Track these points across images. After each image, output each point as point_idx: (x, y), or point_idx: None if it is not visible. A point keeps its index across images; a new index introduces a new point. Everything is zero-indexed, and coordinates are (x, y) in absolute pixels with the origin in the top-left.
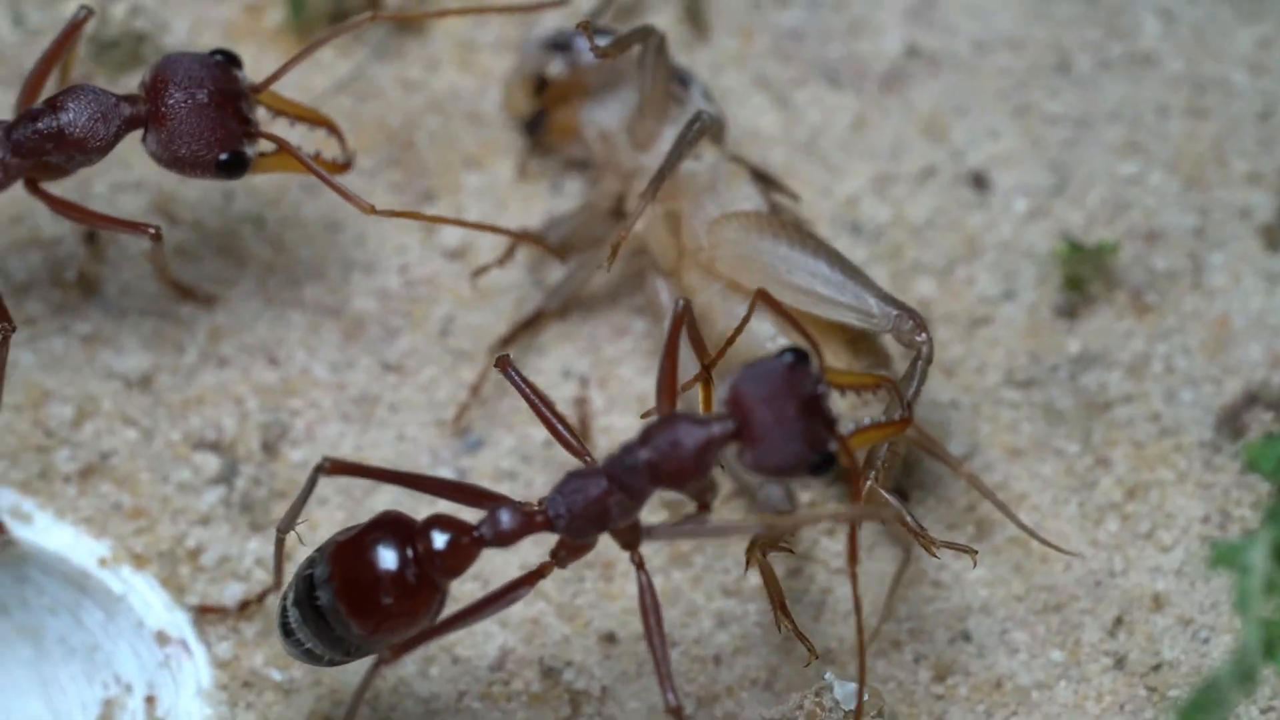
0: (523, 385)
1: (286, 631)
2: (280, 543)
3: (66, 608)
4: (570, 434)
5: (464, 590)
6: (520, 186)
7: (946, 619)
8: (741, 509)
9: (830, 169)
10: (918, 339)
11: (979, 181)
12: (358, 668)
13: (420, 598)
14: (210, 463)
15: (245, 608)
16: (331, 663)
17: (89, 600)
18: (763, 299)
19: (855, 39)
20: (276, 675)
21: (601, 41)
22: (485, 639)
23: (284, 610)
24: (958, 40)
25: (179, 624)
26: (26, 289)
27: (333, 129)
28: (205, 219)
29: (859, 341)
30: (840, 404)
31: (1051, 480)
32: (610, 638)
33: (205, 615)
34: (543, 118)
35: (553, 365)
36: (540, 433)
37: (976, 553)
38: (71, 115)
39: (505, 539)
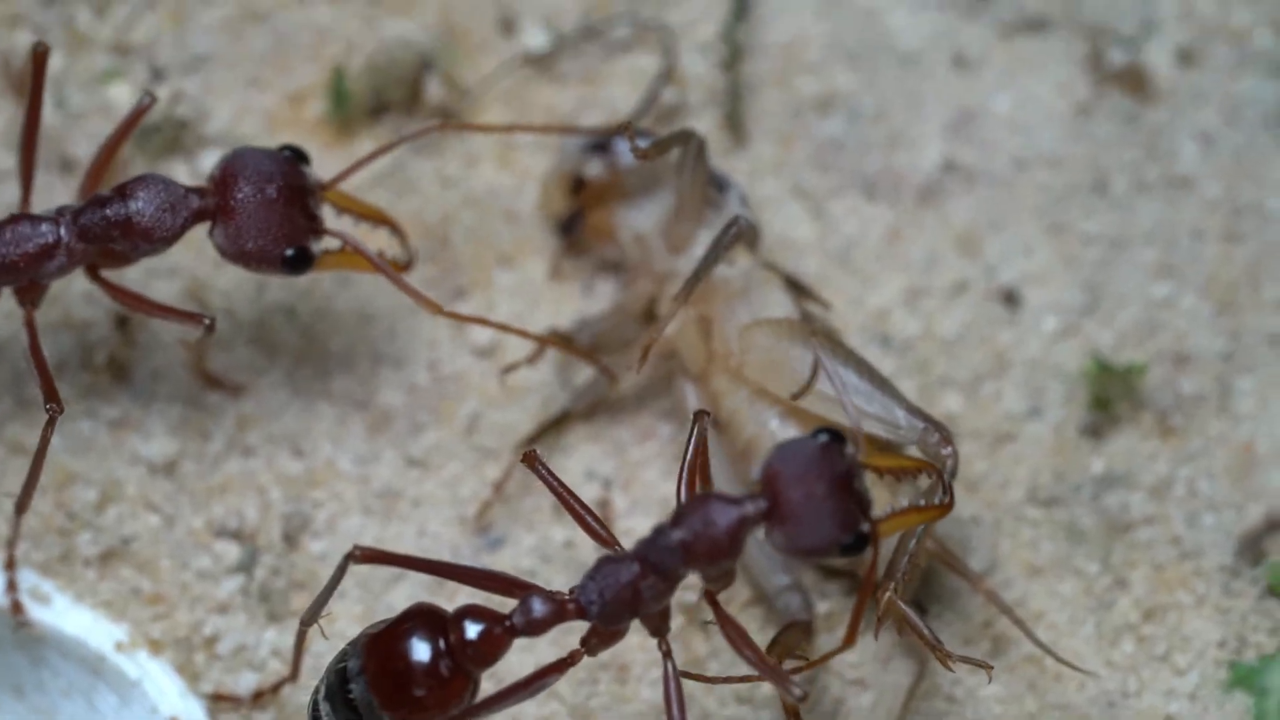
0: (550, 479)
1: None
2: (302, 635)
3: (81, 691)
4: (599, 524)
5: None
6: (553, 286)
7: None
8: (759, 616)
9: (863, 280)
10: (943, 452)
11: (1010, 298)
12: None
13: (453, 688)
14: (231, 551)
15: (259, 697)
16: None
17: (103, 684)
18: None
19: (894, 151)
20: None
21: (642, 143)
22: None
23: (315, 704)
24: (996, 156)
25: (192, 711)
26: (57, 371)
27: (395, 229)
28: (238, 308)
29: (886, 452)
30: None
31: (1070, 599)
32: None
33: (219, 703)
34: (578, 218)
35: (577, 466)
36: (561, 532)
37: (992, 668)
38: (140, 204)
39: (538, 628)
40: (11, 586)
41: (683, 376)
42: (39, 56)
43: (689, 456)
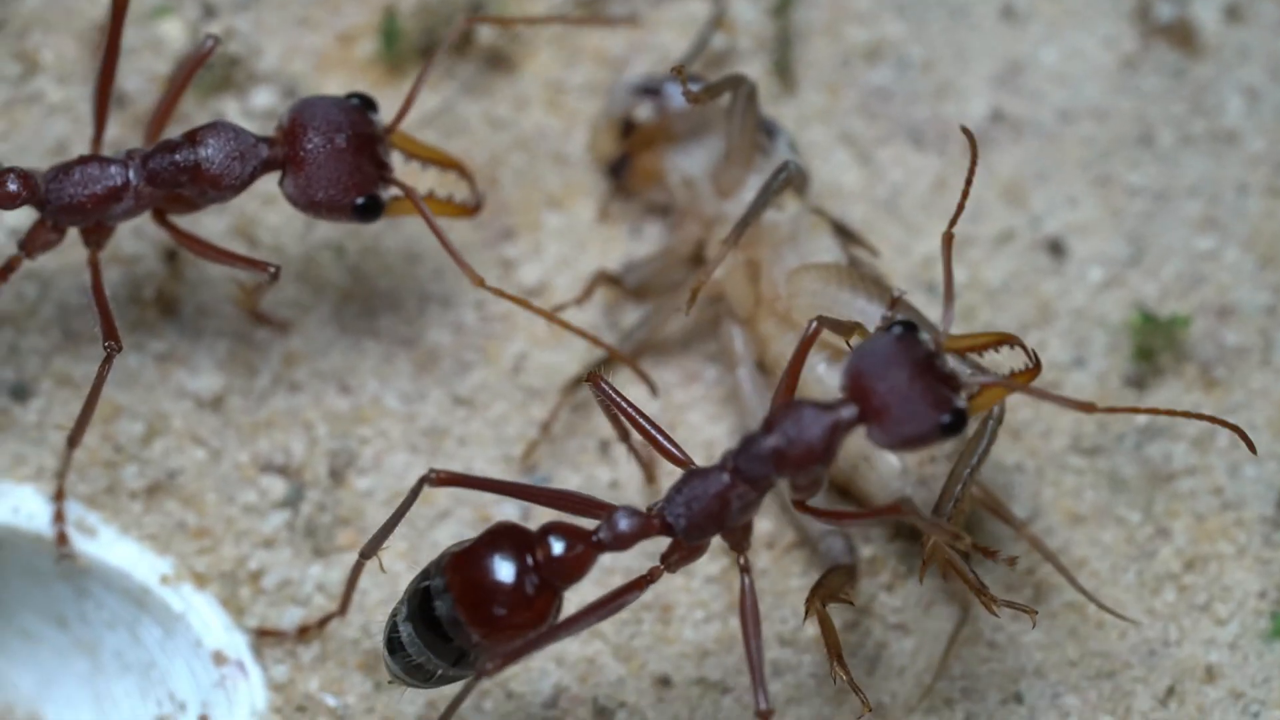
0: (616, 399)
1: (394, 647)
2: (359, 567)
3: (125, 624)
4: (671, 442)
5: None
6: (600, 229)
7: (999, 680)
8: (802, 560)
9: (909, 228)
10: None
11: (1056, 248)
12: (413, 696)
13: (538, 605)
14: (277, 486)
15: (305, 633)
16: (435, 679)
17: (148, 617)
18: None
19: (941, 101)
20: (331, 701)
21: (693, 88)
22: (540, 676)
23: (393, 626)
24: (1043, 108)
25: (237, 645)
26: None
27: (463, 172)
28: (286, 244)
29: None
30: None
31: (1111, 548)
32: (665, 680)
33: (264, 639)
34: (627, 161)
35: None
36: (606, 472)
37: (1036, 613)
38: (210, 151)
39: (623, 542)
40: (59, 517)
41: (730, 320)
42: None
43: (792, 363)
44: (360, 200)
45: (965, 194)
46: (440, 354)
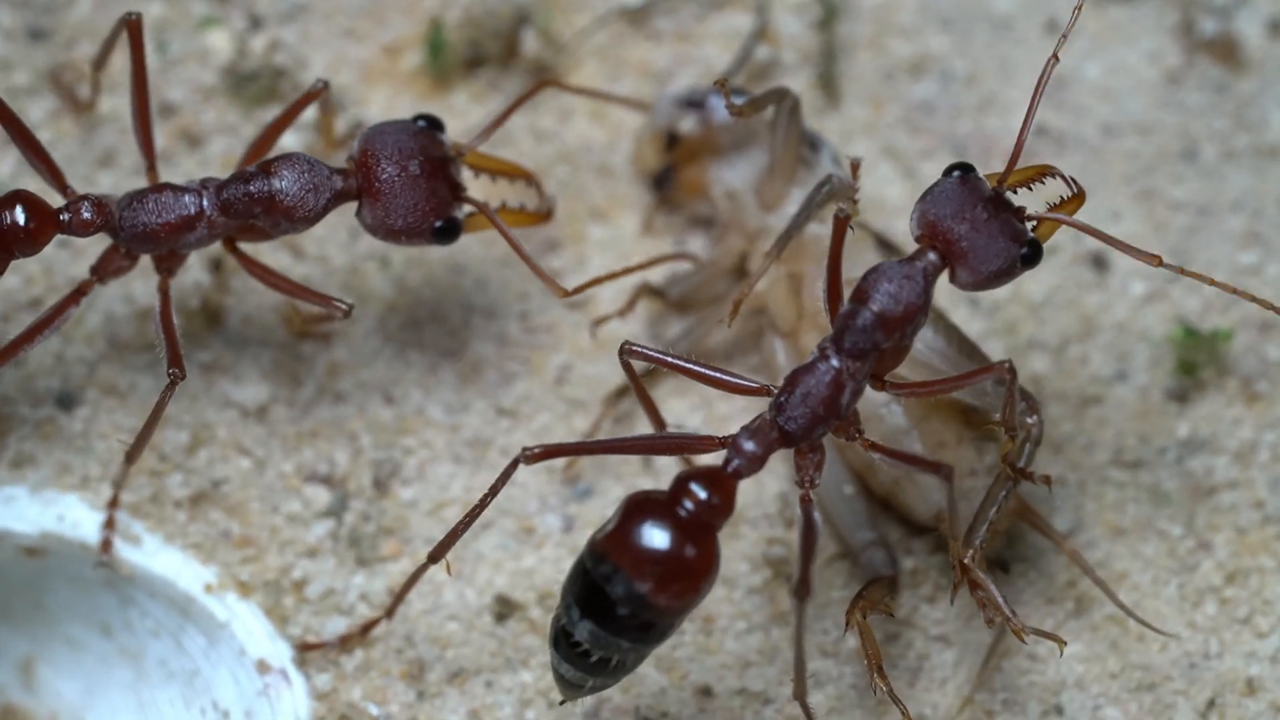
0: (660, 356)
1: (573, 652)
2: (422, 571)
3: (169, 632)
4: (738, 376)
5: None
6: (644, 241)
7: (1040, 692)
8: (844, 571)
9: None
10: (1028, 420)
11: (1099, 262)
12: (454, 705)
13: (706, 548)
14: (321, 496)
15: (347, 642)
16: (612, 669)
17: (192, 626)
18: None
19: (985, 115)
20: (374, 710)
21: (737, 100)
22: None
23: (565, 635)
24: (1087, 122)
25: (280, 654)
26: (150, 315)
27: (532, 181)
28: (331, 255)
29: (971, 414)
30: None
31: (1153, 561)
32: (707, 691)
33: (308, 653)
34: (671, 174)
35: (666, 418)
36: (648, 483)
37: (1065, 643)
38: (285, 183)
39: (757, 464)
40: (109, 524)
41: (772, 333)
42: (133, 25)
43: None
44: (439, 224)
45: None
46: (484, 365)
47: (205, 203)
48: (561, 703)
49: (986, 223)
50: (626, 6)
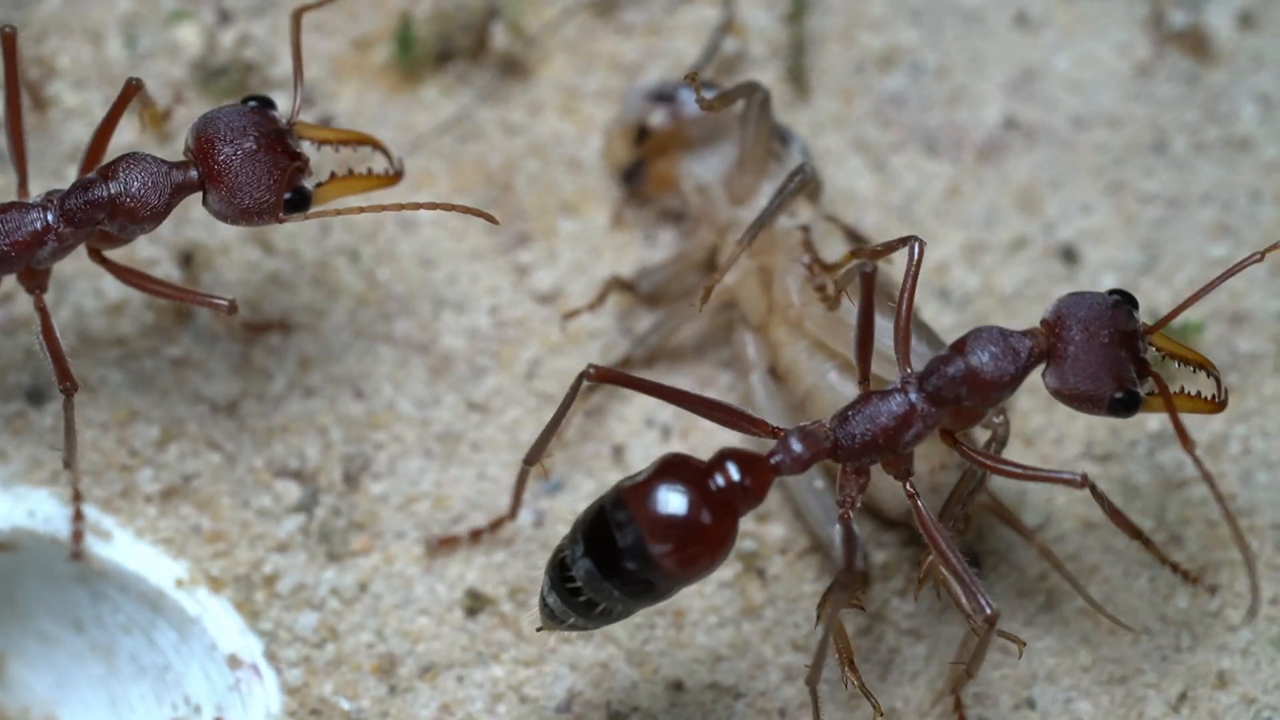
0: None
1: (564, 585)
2: (524, 474)
3: (140, 627)
4: (726, 407)
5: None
6: (614, 235)
7: (1012, 685)
8: (815, 565)
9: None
10: (995, 420)
11: (1069, 255)
12: (425, 699)
13: (724, 526)
14: (291, 491)
15: (477, 535)
16: (597, 614)
17: (163, 621)
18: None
19: (955, 108)
20: (345, 704)
21: (707, 94)
22: (554, 680)
23: (563, 564)
24: (1056, 115)
25: (251, 648)
26: (120, 309)
27: (375, 144)
28: (301, 249)
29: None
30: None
31: (1123, 554)
32: (678, 685)
33: (442, 547)
34: (641, 168)
35: (636, 414)
36: (618, 477)
37: (1024, 644)
38: (124, 185)
39: (800, 465)
40: (78, 516)
41: (743, 326)
42: (7, 38)
43: (907, 290)
44: (289, 195)
45: None
46: (454, 359)
47: (50, 216)
48: (539, 629)
49: (1104, 348)
50: None
